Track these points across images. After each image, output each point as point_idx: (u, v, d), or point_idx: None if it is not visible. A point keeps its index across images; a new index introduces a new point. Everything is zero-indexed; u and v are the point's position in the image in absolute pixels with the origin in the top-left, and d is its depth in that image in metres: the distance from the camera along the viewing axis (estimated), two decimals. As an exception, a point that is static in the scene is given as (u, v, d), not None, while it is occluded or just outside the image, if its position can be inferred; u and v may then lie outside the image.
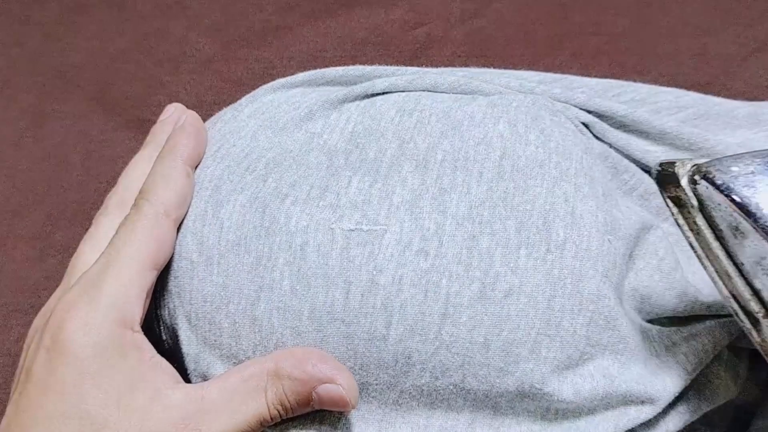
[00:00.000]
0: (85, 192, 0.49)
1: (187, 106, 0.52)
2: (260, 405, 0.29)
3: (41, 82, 0.55)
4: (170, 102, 0.52)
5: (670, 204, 0.28)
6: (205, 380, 0.33)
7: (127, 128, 0.52)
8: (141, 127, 0.51)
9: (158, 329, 0.34)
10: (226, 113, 0.39)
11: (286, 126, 0.36)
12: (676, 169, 0.28)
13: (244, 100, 0.39)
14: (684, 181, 0.27)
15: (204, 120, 0.40)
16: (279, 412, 0.30)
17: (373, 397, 0.31)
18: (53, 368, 0.28)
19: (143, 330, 0.32)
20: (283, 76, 0.40)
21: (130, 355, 0.29)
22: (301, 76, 0.40)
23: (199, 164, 0.35)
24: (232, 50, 0.55)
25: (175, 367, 0.34)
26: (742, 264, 0.26)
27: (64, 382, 0.28)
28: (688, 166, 0.27)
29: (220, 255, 0.32)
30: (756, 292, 0.26)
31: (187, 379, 0.33)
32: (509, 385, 0.31)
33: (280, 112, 0.37)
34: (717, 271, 0.27)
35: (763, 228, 0.25)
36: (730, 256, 0.27)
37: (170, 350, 0.34)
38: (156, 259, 0.31)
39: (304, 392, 0.30)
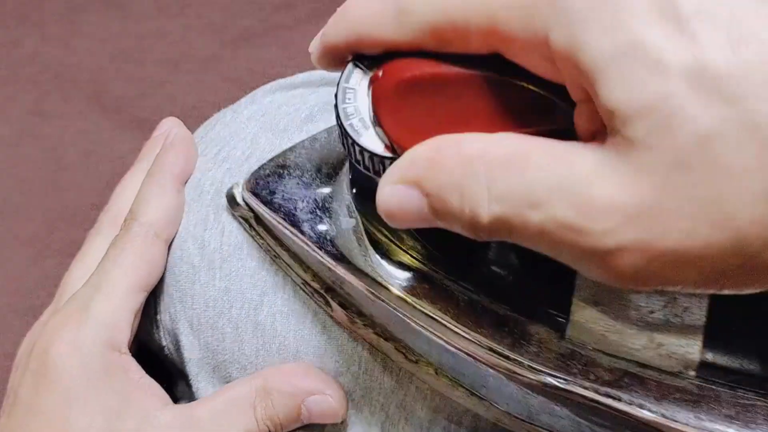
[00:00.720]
0: (84, 192, 0.49)
1: (187, 106, 0.52)
2: (249, 422, 0.29)
3: (40, 82, 0.54)
4: (170, 102, 0.52)
5: (241, 221, 0.31)
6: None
7: (127, 128, 0.51)
8: (140, 127, 0.51)
9: (158, 335, 0.34)
10: (225, 115, 0.38)
11: (287, 128, 0.36)
12: (233, 190, 0.31)
13: (242, 101, 0.39)
14: (240, 199, 0.30)
15: (203, 120, 0.40)
16: (269, 428, 0.30)
17: (376, 401, 0.31)
18: (39, 392, 0.28)
19: (141, 337, 0.32)
20: (283, 76, 0.40)
21: (118, 377, 0.29)
22: (300, 77, 0.40)
23: (189, 178, 0.35)
24: (232, 50, 0.55)
25: (177, 372, 0.34)
26: (296, 254, 0.29)
27: (50, 406, 0.28)
28: (241, 185, 0.30)
29: (222, 259, 0.32)
30: (314, 274, 0.29)
31: (187, 384, 0.33)
32: None
33: (281, 114, 0.37)
34: (287, 265, 0.30)
35: (286, 222, 0.28)
36: (286, 249, 0.30)
37: (170, 356, 0.34)
38: (146, 280, 0.31)
39: (293, 406, 0.29)
